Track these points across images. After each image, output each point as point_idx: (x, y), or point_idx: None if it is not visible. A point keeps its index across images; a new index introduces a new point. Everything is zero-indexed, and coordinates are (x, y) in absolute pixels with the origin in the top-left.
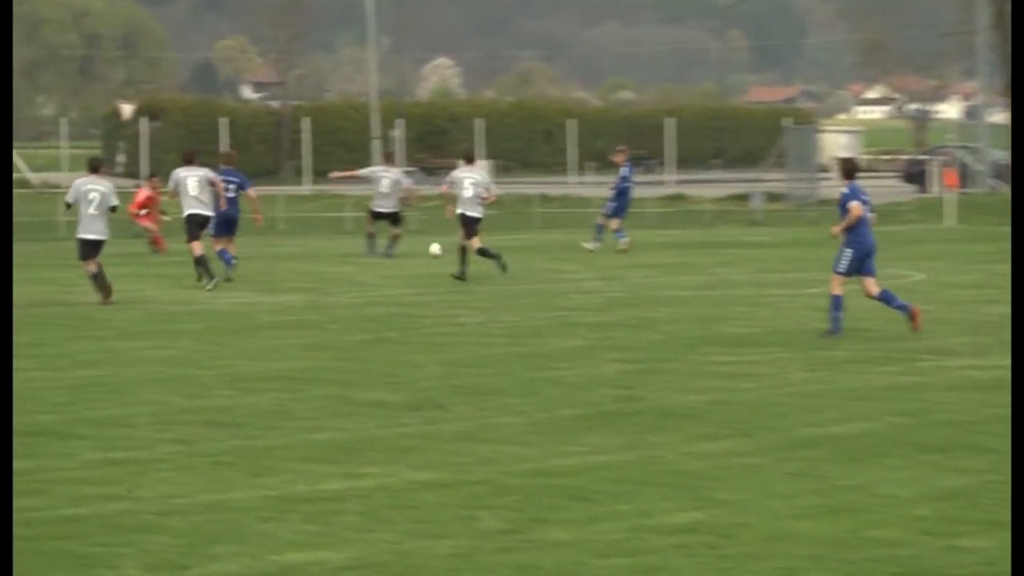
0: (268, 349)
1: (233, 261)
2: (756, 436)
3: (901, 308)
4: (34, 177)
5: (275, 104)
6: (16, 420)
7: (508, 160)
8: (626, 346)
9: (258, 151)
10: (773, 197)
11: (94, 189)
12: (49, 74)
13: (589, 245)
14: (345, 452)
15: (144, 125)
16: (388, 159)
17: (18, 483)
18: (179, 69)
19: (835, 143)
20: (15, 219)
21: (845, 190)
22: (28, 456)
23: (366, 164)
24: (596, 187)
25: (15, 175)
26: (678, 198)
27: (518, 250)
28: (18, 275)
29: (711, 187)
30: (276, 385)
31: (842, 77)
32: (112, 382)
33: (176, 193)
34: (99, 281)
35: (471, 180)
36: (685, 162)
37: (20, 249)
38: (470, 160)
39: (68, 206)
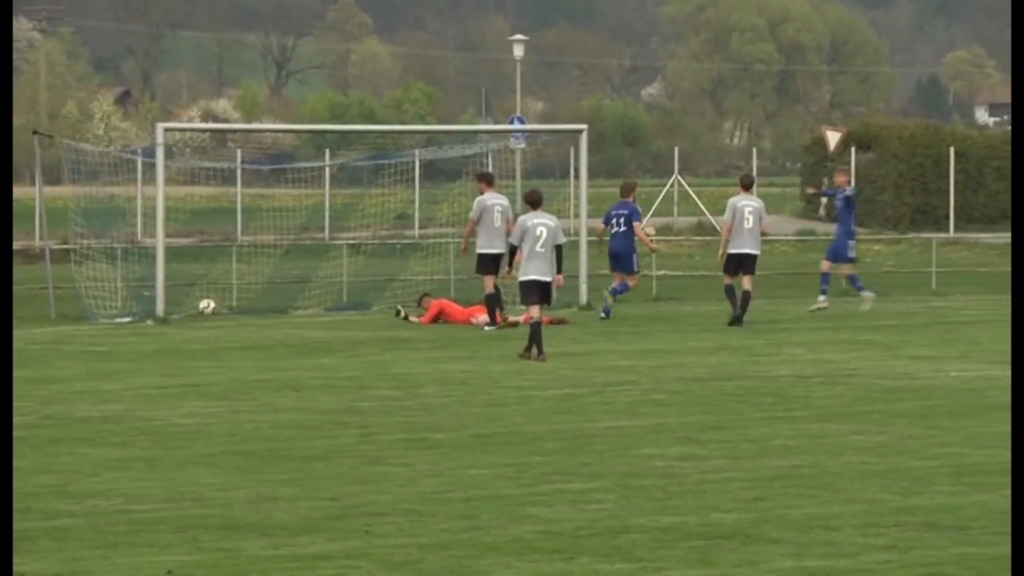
0: (1003, 435)
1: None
2: None
3: None
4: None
5: None
6: (692, 519)
7: None
8: None
9: (995, 190)
10: None
11: (541, 224)
12: (739, 95)
13: None
14: None
15: (854, 157)
16: None
17: None
18: (899, 87)
19: None
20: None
21: None
22: (704, 563)
23: None
24: None
25: (700, 219)
26: None
27: None
28: (697, 341)
29: None
30: (1010, 480)
31: None
32: (810, 474)
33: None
34: (535, 333)
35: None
36: None
37: (681, 310)
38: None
39: (514, 249)
